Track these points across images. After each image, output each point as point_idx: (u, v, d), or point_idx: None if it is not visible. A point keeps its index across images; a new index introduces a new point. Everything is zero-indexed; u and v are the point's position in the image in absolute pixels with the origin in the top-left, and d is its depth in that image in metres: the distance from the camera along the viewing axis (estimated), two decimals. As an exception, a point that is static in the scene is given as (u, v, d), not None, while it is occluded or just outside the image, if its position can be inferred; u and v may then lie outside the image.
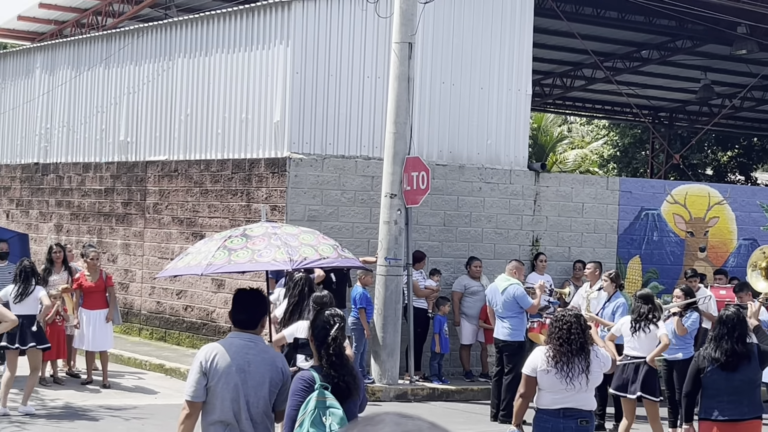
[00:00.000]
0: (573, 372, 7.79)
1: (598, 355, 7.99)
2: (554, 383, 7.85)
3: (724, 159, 37.61)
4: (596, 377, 7.96)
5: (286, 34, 16.55)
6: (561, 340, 7.84)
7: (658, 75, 28.91)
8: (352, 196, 16.46)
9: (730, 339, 8.66)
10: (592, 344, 7.99)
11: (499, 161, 17.60)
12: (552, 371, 7.83)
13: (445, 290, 16.67)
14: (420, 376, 16.05)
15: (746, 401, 8.63)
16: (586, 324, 8.04)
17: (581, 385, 7.82)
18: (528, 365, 8.05)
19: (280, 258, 6.89)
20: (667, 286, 18.04)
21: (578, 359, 7.81)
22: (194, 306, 17.98)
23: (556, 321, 8.01)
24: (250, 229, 7.24)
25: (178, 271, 7.39)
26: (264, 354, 6.46)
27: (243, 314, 6.53)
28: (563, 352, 7.81)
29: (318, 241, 7.20)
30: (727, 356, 8.61)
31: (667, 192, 18.49)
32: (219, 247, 6.96)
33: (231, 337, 6.51)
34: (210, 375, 6.30)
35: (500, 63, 17.65)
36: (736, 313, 8.82)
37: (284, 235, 7.16)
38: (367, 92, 16.77)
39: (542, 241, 17.61)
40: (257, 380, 6.33)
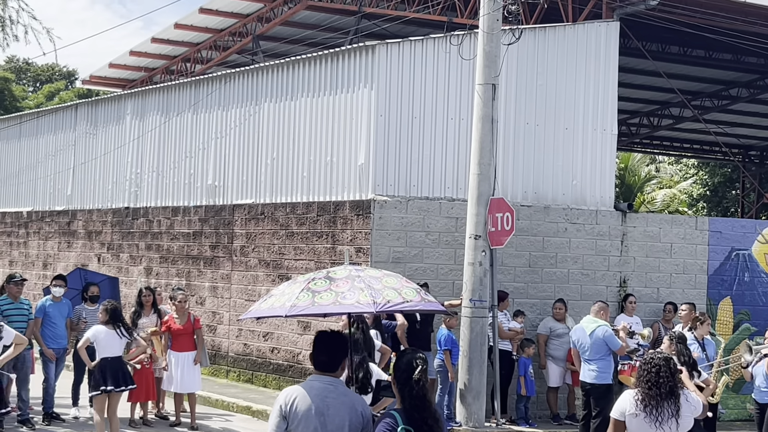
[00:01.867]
0: (662, 416, 7.63)
1: (689, 399, 7.82)
2: (643, 427, 7.69)
3: (818, 197, 36.84)
4: (687, 422, 7.79)
5: (370, 77, 16.68)
6: (650, 383, 7.69)
7: (747, 113, 28.52)
8: (437, 238, 16.46)
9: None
10: (682, 388, 7.82)
11: (585, 201, 17.46)
12: (641, 415, 7.68)
13: (530, 332, 16.53)
14: (506, 419, 15.90)
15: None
16: (676, 367, 7.88)
17: (671, 429, 7.65)
18: (616, 409, 7.91)
19: (364, 300, 6.89)
20: (760, 327, 17.66)
21: (668, 403, 7.65)
22: (281, 348, 18.06)
23: (644, 364, 7.87)
24: (333, 272, 7.25)
25: (262, 313, 7.41)
26: (344, 397, 6.45)
27: (324, 356, 6.53)
28: (652, 396, 7.66)
29: (401, 284, 7.19)
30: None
31: (757, 231, 18.15)
32: (303, 289, 6.97)
33: (311, 379, 6.51)
34: (290, 418, 6.30)
35: (585, 103, 17.56)
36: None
37: (367, 278, 7.16)
38: (451, 134, 16.80)
39: (630, 282, 17.39)
40: (337, 424, 6.31)
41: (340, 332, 6.96)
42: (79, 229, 24.41)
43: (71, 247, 24.65)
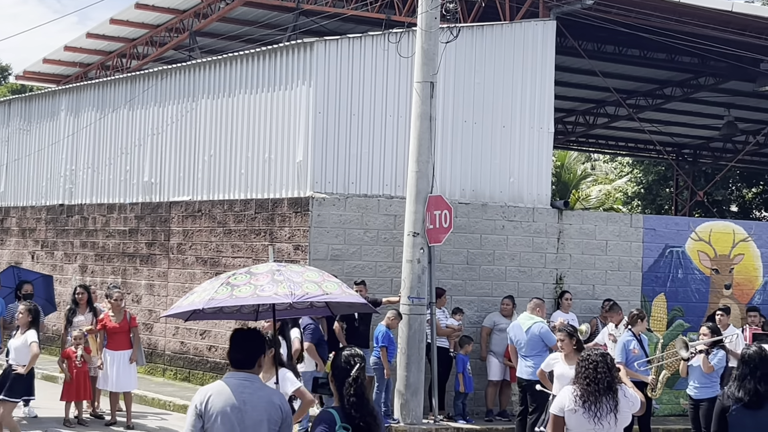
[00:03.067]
0: (601, 412, 7.71)
1: (627, 395, 7.91)
2: (582, 423, 7.77)
3: (749, 196, 37.42)
4: (625, 417, 7.88)
5: (308, 74, 16.65)
6: (588, 379, 7.77)
7: (681, 112, 28.87)
8: (375, 235, 16.47)
9: (753, 378, 8.58)
10: (619, 384, 7.90)
11: (522, 199, 17.58)
12: (580, 411, 7.75)
13: (468, 329, 16.61)
14: (444, 416, 15.96)
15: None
16: (613, 363, 7.97)
17: (610, 425, 7.74)
18: (556, 405, 7.98)
19: (282, 292, 6.89)
20: (693, 324, 17.91)
21: (606, 399, 7.73)
22: (218, 346, 17.97)
23: (582, 360, 7.94)
24: (255, 268, 7.28)
25: (182, 309, 7.40)
26: (260, 392, 6.41)
27: (240, 353, 6.49)
28: (591, 392, 7.73)
29: (323, 278, 7.21)
30: (750, 396, 8.53)
31: (691, 229, 18.40)
32: (222, 284, 6.99)
33: (227, 377, 6.47)
34: (206, 417, 6.24)
35: (522, 101, 17.68)
36: (758, 352, 8.74)
37: (288, 272, 7.18)
38: (389, 131, 16.83)
39: (566, 279, 17.54)
40: (255, 419, 6.28)
41: (257, 329, 6.93)
42: (13, 226, 24.07)
43: (4, 245, 24.30)
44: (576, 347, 11.14)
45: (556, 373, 11.31)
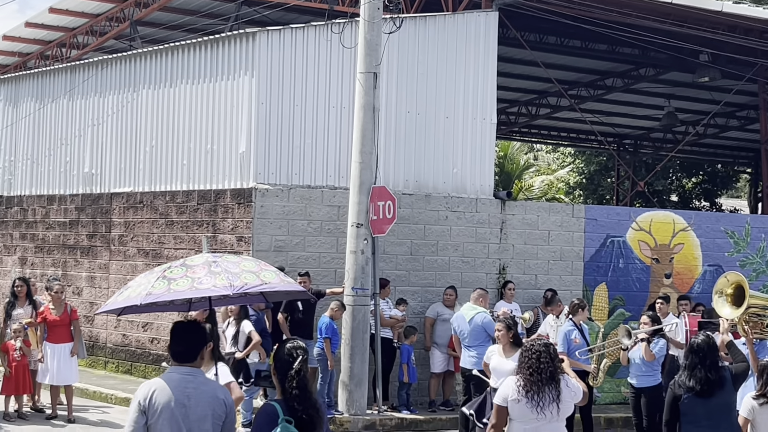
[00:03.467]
0: (544, 401, 7.76)
1: (569, 384, 7.97)
2: (525, 413, 7.81)
3: (689, 185, 37.87)
4: (567, 407, 7.94)
5: (251, 64, 16.56)
6: (531, 369, 7.81)
7: (622, 103, 29.13)
8: (319, 226, 16.43)
9: (703, 367, 8.72)
10: (562, 374, 7.96)
11: (465, 190, 17.63)
12: (523, 400, 7.80)
13: (412, 320, 16.64)
14: (388, 406, 15.99)
15: (724, 424, 8.69)
16: (556, 353, 8.02)
17: (552, 414, 7.79)
18: (499, 395, 8.01)
19: (220, 284, 6.83)
20: (634, 313, 18.09)
21: (548, 388, 7.78)
22: (160, 338, 17.83)
23: (525, 350, 7.99)
24: (190, 260, 7.18)
25: (119, 305, 7.28)
26: (204, 386, 6.34)
27: (181, 346, 6.40)
28: (533, 381, 7.78)
29: (260, 267, 7.16)
30: (701, 384, 8.66)
31: (632, 219, 18.56)
32: (158, 278, 6.89)
33: (169, 372, 6.37)
34: (149, 413, 6.15)
35: (465, 92, 17.72)
36: (706, 341, 8.87)
37: (225, 263, 7.11)
38: (333, 122, 16.79)
39: (509, 269, 17.63)
40: (199, 414, 6.20)
41: (197, 322, 6.87)
42: (-50, 218, 23.70)
43: (-59, 237, 23.91)
44: (513, 340, 11.20)
45: (491, 366, 11.37)
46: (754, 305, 10.35)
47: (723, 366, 8.93)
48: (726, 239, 19.18)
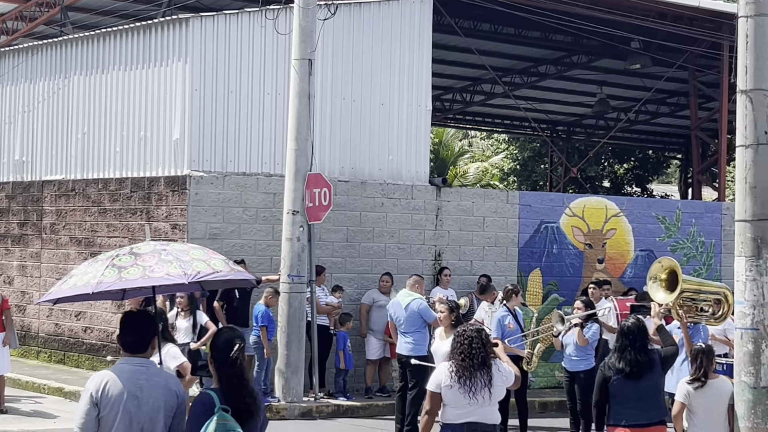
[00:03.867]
0: (476, 387, 7.82)
1: (501, 369, 8.04)
2: (458, 398, 7.87)
3: (621, 171, 38.31)
4: (499, 391, 8.01)
5: (185, 50, 16.42)
6: (463, 355, 7.87)
7: (555, 90, 29.34)
8: (254, 214, 16.37)
9: (633, 349, 8.88)
10: (494, 359, 8.03)
11: (401, 177, 17.67)
12: (455, 386, 7.86)
13: (349, 306, 16.66)
14: (325, 393, 16.01)
15: (653, 406, 8.85)
16: (488, 338, 8.09)
17: (484, 399, 7.86)
18: (432, 381, 8.07)
19: (174, 272, 6.74)
20: (567, 298, 18.30)
21: (480, 374, 7.85)
22: (94, 327, 17.67)
23: (457, 336, 8.04)
24: (137, 248, 7.06)
25: (65, 293, 7.14)
26: (156, 378, 6.27)
27: (132, 337, 6.32)
28: (465, 367, 7.84)
29: (209, 256, 7.10)
30: (631, 366, 8.82)
31: (565, 205, 18.74)
32: (107, 266, 6.77)
33: (121, 363, 6.29)
34: (101, 404, 6.07)
35: (400, 79, 17.74)
36: (636, 323, 9.03)
37: (174, 251, 7.02)
38: (268, 109, 16.72)
39: (444, 256, 17.72)
40: (152, 405, 6.14)
41: (148, 311, 6.80)
42: None
43: None
44: (454, 322, 11.29)
45: (432, 349, 11.43)
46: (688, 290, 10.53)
47: (652, 349, 9.10)
48: (657, 224, 19.45)
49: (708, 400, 8.99)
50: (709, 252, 19.82)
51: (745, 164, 9.11)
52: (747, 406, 8.86)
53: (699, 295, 10.22)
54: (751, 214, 9.03)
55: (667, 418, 9.22)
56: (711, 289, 10.42)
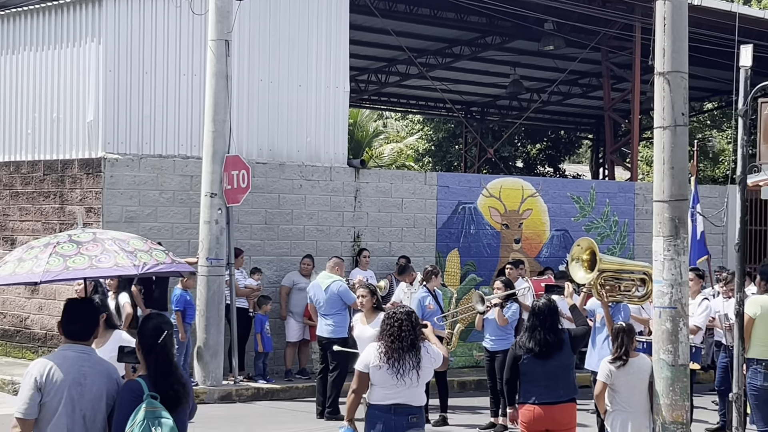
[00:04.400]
0: (404, 368, 7.89)
1: (429, 351, 8.12)
2: (386, 379, 7.93)
3: (534, 152, 38.72)
4: (427, 373, 8.09)
5: (98, 31, 16.15)
6: (392, 336, 7.93)
7: (469, 71, 29.48)
8: (171, 196, 16.19)
9: (543, 329, 9.04)
10: (423, 340, 8.10)
11: (319, 158, 17.62)
12: (384, 367, 7.92)
13: (268, 289, 16.60)
14: (244, 376, 15.95)
15: (561, 385, 9.03)
16: (418, 321, 8.16)
17: (412, 380, 7.93)
18: (361, 361, 8.12)
19: (123, 263, 6.65)
20: (485, 278, 18.46)
21: (409, 355, 7.92)
22: (6, 312, 17.35)
23: (387, 318, 8.10)
24: (76, 236, 6.93)
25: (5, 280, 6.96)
26: (99, 366, 6.23)
27: (75, 325, 6.28)
28: (395, 348, 7.91)
29: (149, 246, 7.02)
30: (540, 346, 8.97)
31: (482, 186, 18.87)
32: (50, 254, 6.64)
33: (63, 349, 6.24)
34: (45, 391, 6.03)
35: (318, 60, 17.67)
36: (547, 304, 9.18)
37: (117, 241, 6.94)
38: (184, 90, 16.53)
39: (363, 237, 17.73)
40: (94, 393, 6.11)
41: (91, 299, 6.72)
42: None
43: None
44: (375, 305, 11.34)
45: (355, 334, 11.45)
46: (608, 270, 10.68)
47: (563, 329, 9.25)
48: (572, 204, 19.69)
49: (629, 378, 9.15)
50: (622, 231, 20.14)
51: (663, 145, 9.26)
52: (665, 384, 9.03)
53: (622, 275, 10.38)
54: (669, 194, 9.20)
55: (578, 396, 9.41)
56: (634, 269, 10.59)
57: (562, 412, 9.03)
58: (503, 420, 13.47)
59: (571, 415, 9.13)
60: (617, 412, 9.19)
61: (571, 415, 9.12)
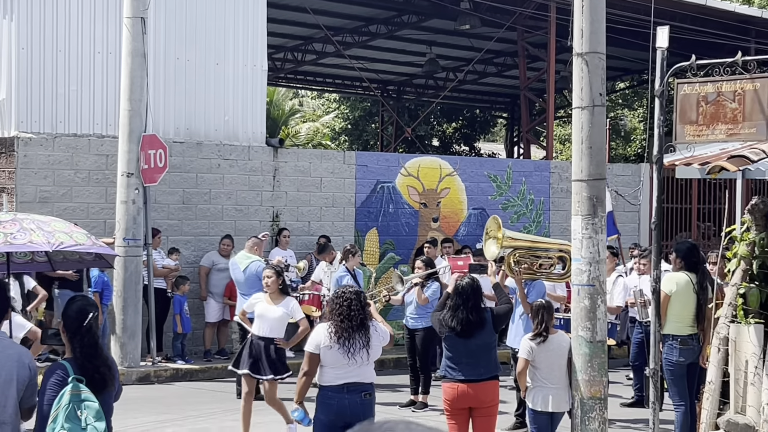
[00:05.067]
0: (354, 347, 8.02)
1: (378, 329, 8.25)
2: (337, 359, 8.03)
3: (449, 131, 38.92)
4: (376, 351, 8.25)
5: (9, 8, 15.82)
6: (342, 316, 8.03)
7: (386, 49, 29.48)
8: (87, 176, 15.97)
9: (465, 309, 9.13)
10: (371, 320, 8.21)
11: (237, 137, 17.51)
12: (335, 347, 8.02)
13: (186, 269, 16.49)
14: (162, 357, 15.85)
15: (483, 363, 9.13)
16: (366, 300, 8.24)
17: (362, 359, 8.07)
18: (311, 342, 8.18)
19: (37, 240, 6.59)
20: (403, 256, 18.56)
21: (359, 335, 8.03)
22: None
23: (336, 298, 8.20)
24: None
25: None
26: (9, 350, 6.13)
27: None
28: (345, 328, 8.01)
29: (71, 229, 6.96)
30: (462, 325, 9.08)
31: (401, 165, 18.94)
32: None
33: None
34: None
35: (235, 38, 17.53)
36: (470, 283, 9.27)
37: (36, 221, 6.87)
38: (99, 69, 16.28)
39: (282, 217, 17.69)
40: (5, 378, 6.00)
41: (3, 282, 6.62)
42: None
43: None
44: (281, 287, 11.33)
45: (257, 313, 11.43)
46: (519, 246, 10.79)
47: (486, 308, 9.37)
48: (489, 183, 19.87)
49: (549, 355, 9.31)
50: (538, 209, 20.39)
51: (581, 125, 9.40)
52: (584, 360, 9.22)
53: (537, 252, 10.51)
54: (587, 173, 9.35)
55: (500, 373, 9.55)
56: (551, 246, 10.73)
57: (485, 389, 9.15)
58: (423, 397, 13.60)
59: (494, 392, 9.26)
60: (538, 389, 9.35)
61: (493, 392, 9.25)
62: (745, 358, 8.56)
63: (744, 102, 8.77)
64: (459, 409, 9.09)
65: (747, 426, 8.41)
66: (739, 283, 8.77)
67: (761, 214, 8.67)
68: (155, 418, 12.58)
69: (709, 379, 9.01)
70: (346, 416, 8.04)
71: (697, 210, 23.02)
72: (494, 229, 10.92)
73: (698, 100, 9.04)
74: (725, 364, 8.82)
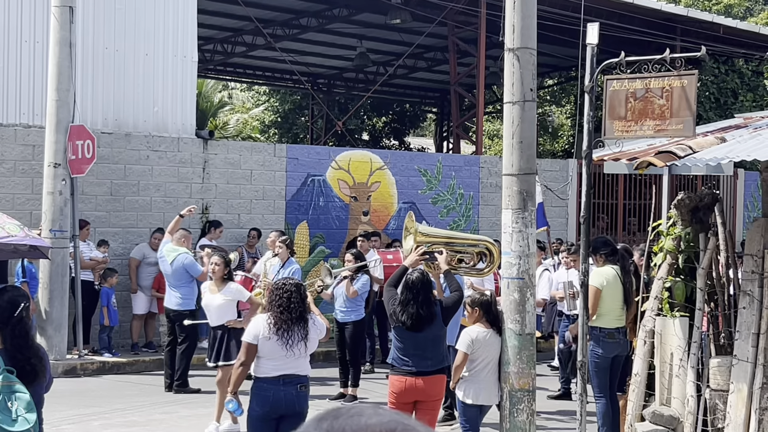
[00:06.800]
0: (293, 339, 8.04)
1: (316, 322, 8.28)
2: (275, 350, 8.04)
3: (379, 124, 38.98)
4: (313, 344, 8.28)
5: (-66, -7, 15.52)
6: (281, 308, 8.03)
7: (316, 42, 29.44)
8: (12, 166, 15.74)
9: (416, 303, 9.14)
10: (310, 313, 8.22)
11: (167, 129, 17.37)
12: (273, 338, 8.03)
13: (114, 261, 16.33)
14: (89, 350, 15.69)
15: (430, 355, 9.17)
16: (306, 293, 8.25)
17: (300, 351, 8.09)
18: (250, 333, 8.16)
19: None
20: (333, 250, 18.57)
21: (298, 327, 8.05)
22: None
23: (276, 289, 8.18)
24: None
25: None
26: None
27: None
28: (284, 320, 8.01)
29: (3, 220, 6.88)
30: (412, 320, 9.11)
31: (331, 158, 18.94)
32: None
33: None
34: None
35: (165, 29, 17.38)
36: (420, 278, 9.29)
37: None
38: (26, 57, 16.04)
39: (212, 209, 17.60)
40: None
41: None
42: None
43: None
44: (226, 275, 11.39)
45: (204, 303, 11.45)
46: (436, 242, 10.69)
47: (435, 301, 9.38)
48: (419, 177, 19.96)
49: (487, 349, 9.39)
50: (467, 204, 20.52)
51: (513, 120, 9.49)
52: (513, 352, 9.32)
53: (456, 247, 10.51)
54: (518, 168, 9.44)
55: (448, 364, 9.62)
56: (468, 241, 10.73)
57: (432, 383, 9.18)
58: (353, 390, 13.64)
59: (441, 386, 9.30)
60: (470, 381, 9.42)
61: (440, 386, 9.29)
62: (671, 350, 8.72)
63: (672, 98, 8.92)
64: (404, 403, 9.10)
65: (672, 417, 8.57)
66: (665, 277, 8.92)
67: (687, 209, 8.84)
68: (82, 411, 12.45)
69: (636, 371, 9.15)
70: (281, 408, 8.05)
71: (623, 206, 23.37)
72: (411, 225, 10.96)
73: (627, 96, 9.17)
74: (651, 356, 8.98)
